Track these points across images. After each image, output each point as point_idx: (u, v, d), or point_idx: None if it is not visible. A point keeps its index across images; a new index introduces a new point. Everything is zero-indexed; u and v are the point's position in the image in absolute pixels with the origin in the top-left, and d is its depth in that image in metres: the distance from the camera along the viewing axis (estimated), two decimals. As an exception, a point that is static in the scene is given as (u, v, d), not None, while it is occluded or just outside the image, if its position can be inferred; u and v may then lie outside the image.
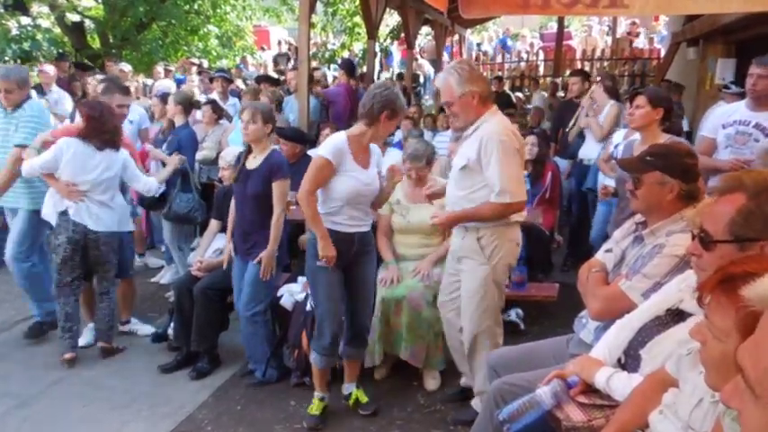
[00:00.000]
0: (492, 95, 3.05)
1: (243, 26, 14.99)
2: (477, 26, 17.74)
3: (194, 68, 10.93)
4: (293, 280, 3.92)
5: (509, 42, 17.66)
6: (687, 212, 2.22)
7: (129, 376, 3.89)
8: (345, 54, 15.03)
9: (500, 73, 14.78)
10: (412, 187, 3.87)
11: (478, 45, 18.67)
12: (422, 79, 14.57)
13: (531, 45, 16.83)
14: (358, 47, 15.21)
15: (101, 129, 3.86)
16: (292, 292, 3.76)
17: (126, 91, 4.39)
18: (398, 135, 6.90)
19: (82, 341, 4.19)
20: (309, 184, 3.03)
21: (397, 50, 15.67)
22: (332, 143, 3.05)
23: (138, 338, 4.40)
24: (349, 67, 8.33)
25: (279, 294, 3.75)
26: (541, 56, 15.50)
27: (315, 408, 3.31)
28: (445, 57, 13.88)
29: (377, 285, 3.63)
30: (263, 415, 3.43)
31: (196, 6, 13.41)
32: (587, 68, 12.77)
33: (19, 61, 9.18)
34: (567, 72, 11.31)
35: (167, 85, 8.35)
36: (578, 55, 14.91)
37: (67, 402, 3.55)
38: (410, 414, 3.37)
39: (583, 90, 6.22)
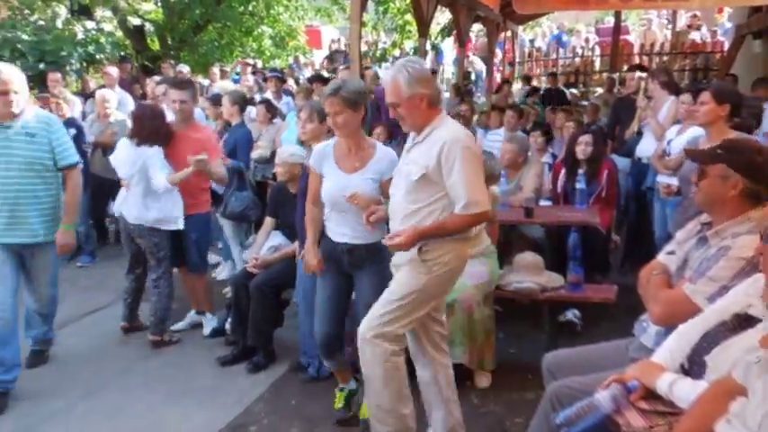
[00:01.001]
0: (440, 99, 2.78)
1: (295, 26, 15.21)
2: (530, 22, 17.45)
3: (249, 69, 11.17)
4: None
5: (564, 38, 17.30)
6: (754, 214, 2.14)
7: (189, 369, 4.02)
8: (396, 52, 15.07)
9: (554, 69, 14.51)
10: None
11: (531, 41, 18.40)
12: (473, 77, 14.47)
13: (587, 40, 16.45)
14: (409, 45, 15.21)
15: (141, 127, 4.13)
16: (346, 290, 3.79)
17: (180, 85, 4.44)
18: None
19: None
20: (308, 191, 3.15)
21: (448, 48, 15.59)
22: (315, 148, 3.13)
23: (197, 332, 4.52)
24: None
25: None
26: (597, 51, 15.14)
27: (338, 400, 3.36)
28: (498, 53, 13.73)
29: None
30: (317, 410, 3.47)
31: (250, 8, 13.67)
32: (646, 63, 12.39)
33: (85, 64, 9.56)
34: (625, 67, 11.01)
35: (226, 86, 8.55)
36: (636, 49, 14.49)
37: (131, 393, 3.68)
38: (465, 414, 3.32)
39: (640, 86, 6.05)
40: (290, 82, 10.91)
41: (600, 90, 11.35)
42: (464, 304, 3.54)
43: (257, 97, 7.74)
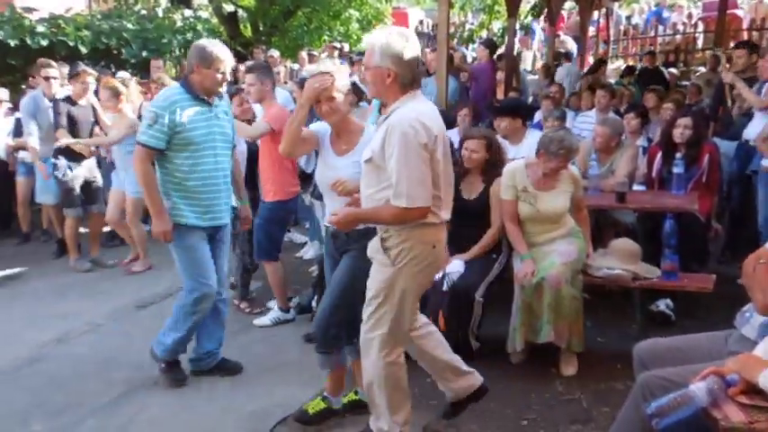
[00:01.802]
0: (417, 82, 2.57)
1: (382, 9, 15.24)
2: (627, -2, 16.64)
3: (336, 52, 11.32)
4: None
5: (665, 14, 16.35)
6: None
7: (277, 344, 4.17)
8: (484, 33, 14.80)
9: (652, 47, 13.77)
10: (540, 175, 3.72)
11: (628, 18, 17.52)
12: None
13: (689, 15, 15.49)
14: (497, 26, 14.89)
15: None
16: (429, 272, 3.81)
17: (249, 70, 4.57)
18: (538, 115, 6.70)
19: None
20: None
21: (537, 28, 15.14)
22: (319, 123, 3.06)
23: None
24: (491, 45, 8.19)
25: (416, 273, 3.81)
26: (700, 27, 14.23)
27: (312, 406, 3.25)
28: (591, 32, 13.19)
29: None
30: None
31: (338, -9, 13.84)
32: (756, 40, 11.52)
33: (183, 51, 10.00)
34: (732, 44, 10.29)
35: (313, 70, 8.70)
36: (745, 25, 13.49)
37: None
38: (548, 401, 3.30)
39: (749, 64, 5.64)
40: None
41: (702, 69, 10.68)
42: (552, 281, 3.47)
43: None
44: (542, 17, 13.99)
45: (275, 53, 9.72)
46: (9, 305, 4.96)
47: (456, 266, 3.73)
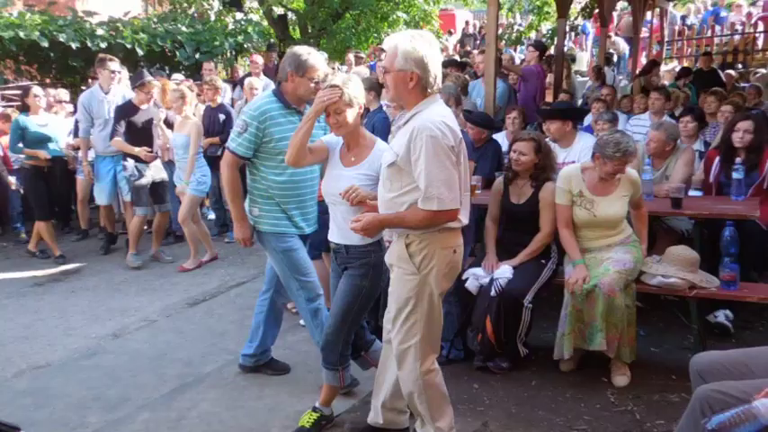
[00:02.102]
0: (433, 85, 2.51)
1: (430, 10, 15.20)
2: (683, -3, 16.16)
3: (383, 54, 11.34)
4: (478, 264, 3.94)
5: (722, 13, 15.81)
6: None
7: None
8: (532, 35, 14.61)
9: (708, 48, 13.34)
10: (597, 179, 3.65)
11: (683, 18, 17.01)
12: (615, 58, 13.70)
13: (749, 15, 14.93)
14: (546, 27, 14.68)
15: None
16: (477, 276, 3.78)
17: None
18: (588, 118, 6.57)
19: None
20: None
21: (591, 28, 14.86)
22: (330, 135, 3.02)
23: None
24: (541, 47, 8.08)
25: (464, 278, 3.79)
26: (761, 27, 13.71)
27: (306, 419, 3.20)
28: (644, 33, 12.87)
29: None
30: (449, 392, 3.50)
31: (387, -7, 13.87)
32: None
33: (234, 53, 10.22)
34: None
35: (361, 71, 8.75)
36: (808, 24, 12.94)
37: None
38: (599, 411, 3.23)
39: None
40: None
41: (762, 71, 10.28)
42: (605, 288, 3.40)
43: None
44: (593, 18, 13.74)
45: (323, 55, 9.81)
46: (68, 299, 5.15)
47: (504, 272, 3.69)
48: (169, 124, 6.01)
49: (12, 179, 6.56)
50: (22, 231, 6.81)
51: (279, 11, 13.19)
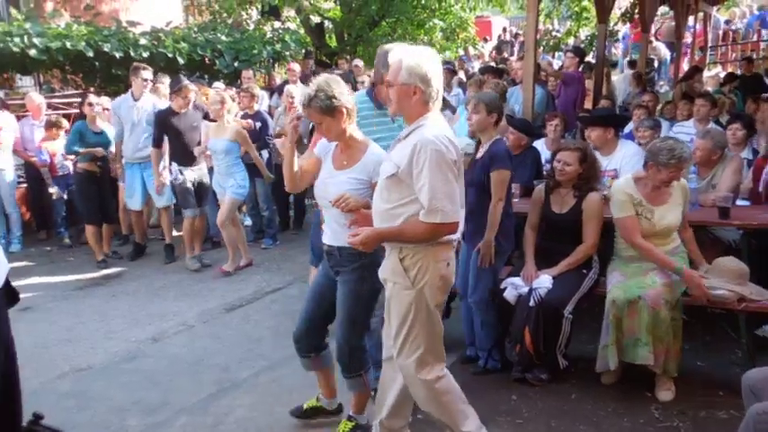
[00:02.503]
0: (434, 99, 2.54)
1: (466, 17, 15.15)
2: (726, 1, 15.74)
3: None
4: (516, 273, 3.87)
5: (769, 18, 15.37)
6: None
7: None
8: (570, 41, 14.42)
9: (753, 53, 12.97)
10: (651, 188, 3.55)
11: (727, 23, 16.59)
12: (656, 64, 13.43)
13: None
14: (584, 33, 14.48)
15: None
16: (516, 286, 3.72)
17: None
18: (630, 126, 6.43)
19: None
20: None
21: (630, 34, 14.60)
22: (322, 140, 2.99)
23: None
24: (580, 53, 7.97)
25: (502, 287, 3.73)
26: (809, 31, 13.28)
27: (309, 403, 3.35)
28: (687, 38, 12.58)
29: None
30: (484, 405, 3.41)
31: (423, 1, 13.86)
32: None
33: (271, 61, 10.33)
34: None
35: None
36: None
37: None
38: (643, 427, 3.13)
39: None
40: (461, 74, 10.90)
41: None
42: (650, 301, 3.30)
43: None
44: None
45: (360, 63, 9.85)
46: (108, 303, 5.26)
47: (544, 281, 3.62)
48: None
49: (54, 189, 6.73)
50: (66, 236, 6.98)
51: (316, 19, 13.32)
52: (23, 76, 8.97)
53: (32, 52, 7.66)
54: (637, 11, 11.33)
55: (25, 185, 7.08)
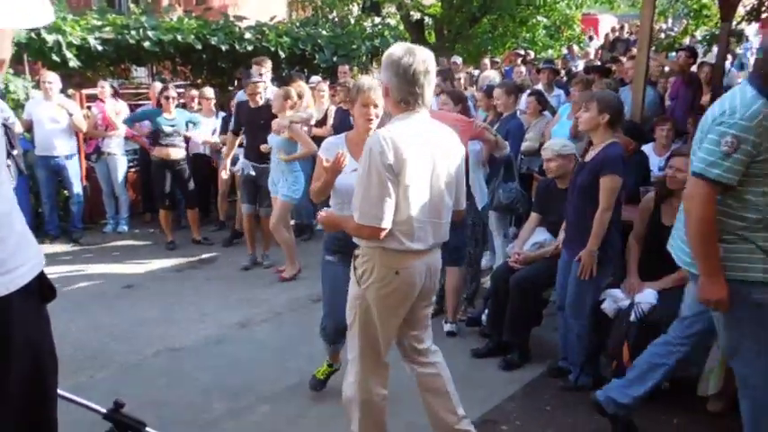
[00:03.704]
0: (406, 99, 2.42)
1: (572, 15, 14.60)
2: None
3: (519, 59, 11.03)
4: (617, 284, 3.63)
5: None
6: None
7: (444, 355, 4.07)
8: (686, 40, 13.55)
9: None
10: None
11: None
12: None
13: None
14: (701, 32, 13.57)
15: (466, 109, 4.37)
16: (615, 299, 3.48)
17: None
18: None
19: None
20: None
21: (752, 34, 13.53)
22: (327, 140, 3.08)
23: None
24: (695, 53, 7.44)
25: (601, 298, 3.51)
26: None
27: (321, 372, 3.53)
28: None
29: None
30: (573, 422, 3.26)
31: (527, -3, 13.52)
32: None
33: (370, 57, 10.37)
34: None
35: (492, 75, 8.57)
36: None
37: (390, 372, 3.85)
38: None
39: None
40: (562, 73, 10.49)
41: None
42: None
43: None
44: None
45: (458, 59, 9.70)
46: (203, 286, 5.44)
47: (648, 296, 3.37)
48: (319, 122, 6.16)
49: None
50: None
51: (416, 15, 13.28)
52: (138, 67, 9.48)
53: (146, 44, 8.07)
54: (764, 8, 10.45)
55: (135, 169, 7.49)
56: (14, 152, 6.76)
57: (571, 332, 3.59)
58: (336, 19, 12.42)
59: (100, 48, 7.63)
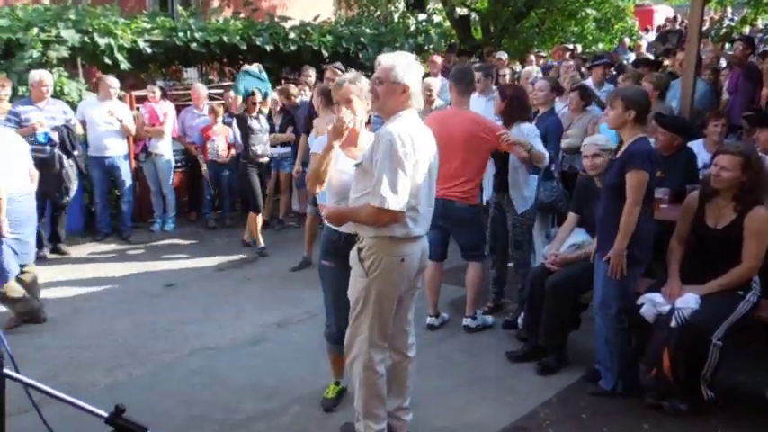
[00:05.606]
0: (416, 101, 2.75)
1: (624, 7, 14.14)
2: None
3: (567, 53, 10.75)
4: (657, 288, 3.47)
5: None
6: None
7: (478, 356, 4.02)
8: (746, 30, 12.93)
9: None
10: None
11: None
12: None
13: None
14: (762, 22, 12.92)
15: (520, 107, 4.40)
16: (655, 303, 3.33)
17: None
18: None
19: None
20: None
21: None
22: (321, 137, 3.17)
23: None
24: (753, 44, 7.08)
25: (639, 302, 3.36)
26: None
27: (329, 392, 3.48)
28: None
29: None
30: (609, 430, 3.14)
31: (576, -11, 13.16)
32: None
33: (414, 54, 10.31)
34: None
35: (531, 72, 8.36)
36: None
37: (423, 372, 3.78)
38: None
39: None
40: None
41: None
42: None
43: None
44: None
45: (503, 55, 9.52)
46: (243, 285, 5.51)
47: (689, 301, 3.21)
48: None
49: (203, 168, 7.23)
50: (211, 219, 7.44)
51: (461, 11, 13.13)
52: (187, 68, 9.68)
53: (193, 46, 8.23)
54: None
55: (182, 170, 7.66)
56: (75, 153, 7.01)
57: (600, 335, 3.47)
58: (381, 17, 12.39)
59: (149, 50, 7.82)
